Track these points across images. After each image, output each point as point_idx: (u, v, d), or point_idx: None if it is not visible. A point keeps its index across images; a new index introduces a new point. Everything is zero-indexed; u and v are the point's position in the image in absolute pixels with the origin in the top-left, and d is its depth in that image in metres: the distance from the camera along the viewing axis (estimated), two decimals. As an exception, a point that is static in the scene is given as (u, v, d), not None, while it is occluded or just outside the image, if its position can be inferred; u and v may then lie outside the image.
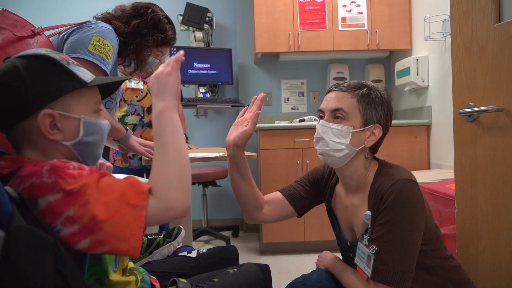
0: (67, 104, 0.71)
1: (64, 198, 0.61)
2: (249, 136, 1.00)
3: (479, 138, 1.14)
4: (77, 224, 0.60)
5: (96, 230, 0.60)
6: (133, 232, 0.61)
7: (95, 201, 0.61)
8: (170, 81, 0.73)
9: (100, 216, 0.60)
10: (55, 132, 0.70)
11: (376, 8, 2.95)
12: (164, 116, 0.71)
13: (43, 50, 0.72)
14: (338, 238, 1.14)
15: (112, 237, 0.61)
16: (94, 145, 0.77)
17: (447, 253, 1.02)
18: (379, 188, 0.94)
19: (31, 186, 0.62)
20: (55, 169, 0.63)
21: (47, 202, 0.60)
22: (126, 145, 1.40)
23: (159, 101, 0.72)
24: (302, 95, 3.38)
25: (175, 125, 0.71)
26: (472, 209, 1.18)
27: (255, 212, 1.11)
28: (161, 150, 0.69)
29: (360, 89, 0.99)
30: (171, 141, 0.69)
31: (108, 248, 0.61)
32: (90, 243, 0.60)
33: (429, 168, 2.70)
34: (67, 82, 0.71)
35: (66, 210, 0.60)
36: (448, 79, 2.41)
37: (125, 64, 1.41)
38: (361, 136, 0.98)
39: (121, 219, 0.61)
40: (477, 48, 1.13)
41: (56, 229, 0.60)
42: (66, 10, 3.39)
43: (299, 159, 2.67)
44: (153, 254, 1.15)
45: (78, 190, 0.61)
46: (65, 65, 0.72)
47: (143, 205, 0.63)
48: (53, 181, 0.62)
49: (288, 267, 2.46)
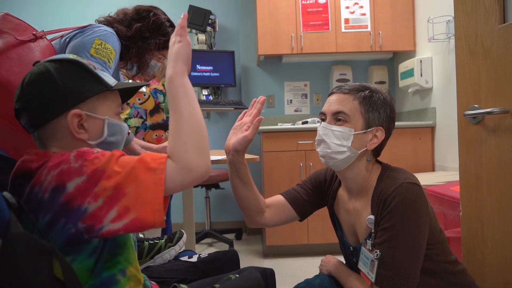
0: (93, 106, 0.76)
1: (90, 178, 0.64)
2: (249, 142, 1.00)
3: (484, 141, 1.12)
4: (101, 198, 0.63)
5: (122, 197, 0.62)
6: (154, 195, 0.63)
7: (116, 172, 0.64)
8: (179, 48, 0.74)
9: (123, 184, 0.63)
10: (81, 132, 0.74)
11: (379, 10, 2.94)
12: (174, 81, 0.71)
13: (71, 56, 0.78)
14: (341, 242, 1.13)
15: (137, 201, 0.62)
16: (116, 145, 0.81)
17: (452, 257, 1.00)
18: (382, 192, 0.93)
19: (59, 173, 0.65)
20: (80, 154, 0.67)
21: (75, 185, 0.64)
22: (128, 149, 1.40)
23: (168, 68, 0.73)
24: (305, 97, 3.37)
25: (186, 89, 0.71)
26: (477, 212, 1.16)
27: (257, 216, 1.10)
28: (175, 115, 0.69)
29: (362, 92, 0.98)
30: (184, 104, 0.70)
31: (135, 213, 0.62)
32: (118, 212, 0.62)
33: (433, 170, 2.68)
34: (94, 85, 0.76)
35: (93, 188, 0.63)
36: (453, 81, 2.39)
37: (127, 67, 1.41)
38: (363, 138, 0.97)
39: (142, 183, 0.63)
40: (482, 49, 1.11)
41: (83, 208, 0.63)
42: (69, 14, 3.40)
43: (302, 162, 2.66)
44: (155, 258, 1.14)
45: (102, 168, 0.65)
46: (92, 70, 0.77)
47: (162, 169, 0.64)
48: (80, 164, 0.65)
49: (291, 270, 2.44)
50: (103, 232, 0.63)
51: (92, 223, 0.63)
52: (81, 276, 0.67)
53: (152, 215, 0.62)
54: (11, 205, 0.60)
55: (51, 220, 0.64)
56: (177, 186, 0.65)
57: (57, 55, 0.77)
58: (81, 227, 0.63)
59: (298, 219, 1.16)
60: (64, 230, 0.64)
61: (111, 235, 0.64)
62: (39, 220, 0.64)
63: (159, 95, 2.31)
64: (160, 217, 0.63)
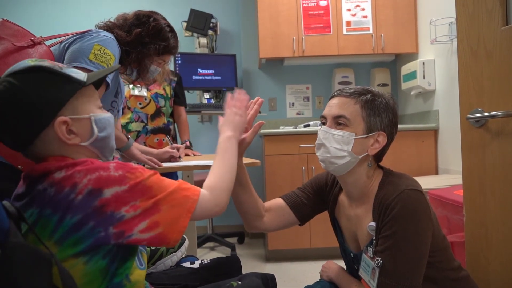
0: (75, 107, 0.74)
1: (132, 189, 0.68)
2: (247, 145, 1.00)
3: (488, 144, 1.11)
4: (140, 209, 0.68)
5: (156, 212, 0.69)
6: (181, 219, 0.71)
7: (159, 190, 0.71)
8: (241, 122, 0.97)
9: (161, 201, 0.70)
10: (72, 137, 0.73)
11: (381, 12, 2.93)
12: (232, 141, 0.92)
13: (29, 61, 0.72)
14: (342, 248, 1.11)
15: (167, 219, 0.69)
16: (109, 138, 0.80)
17: (455, 264, 0.98)
18: (384, 199, 0.91)
19: (97, 178, 0.67)
20: (122, 166, 0.70)
21: (113, 192, 0.67)
22: (128, 154, 1.40)
23: (229, 131, 0.94)
24: (307, 100, 3.36)
25: (235, 150, 0.92)
26: (481, 217, 1.14)
27: (256, 221, 1.08)
28: (222, 162, 0.88)
29: (364, 95, 0.96)
30: (231, 158, 0.89)
31: (161, 229, 0.69)
32: (148, 224, 0.68)
33: (437, 173, 2.65)
34: (67, 85, 0.73)
35: (133, 200, 0.68)
36: (456, 83, 2.37)
37: (127, 72, 1.40)
38: (364, 143, 0.96)
39: (176, 206, 0.71)
40: (484, 51, 1.10)
41: (119, 216, 0.66)
42: (69, 19, 3.41)
43: (304, 165, 2.65)
44: (157, 264, 1.13)
45: (146, 183, 0.70)
46: (59, 70, 0.73)
47: (195, 200, 0.74)
48: (121, 175, 0.68)
49: (293, 275, 2.42)
50: (130, 240, 0.67)
51: (123, 230, 0.66)
52: (93, 277, 0.67)
53: (175, 234, 0.70)
54: (11, 214, 0.60)
55: (80, 221, 0.65)
56: (202, 214, 0.76)
57: (16, 66, 0.72)
58: (112, 232, 0.66)
59: (298, 223, 1.14)
60: (92, 232, 0.65)
61: (136, 243, 0.68)
62: (65, 220, 0.65)
63: (160, 99, 2.31)
64: (179, 237, 0.71)
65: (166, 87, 2.36)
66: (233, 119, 0.96)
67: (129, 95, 2.23)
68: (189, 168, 1.56)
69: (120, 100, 1.47)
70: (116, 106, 1.42)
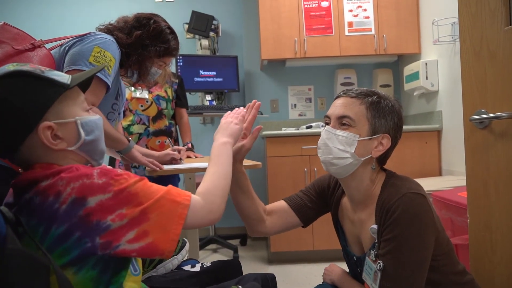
0: (59, 111, 0.71)
1: (116, 197, 0.65)
2: (247, 151, 0.99)
3: (492, 146, 1.09)
4: (126, 218, 0.65)
5: (145, 221, 0.66)
6: (173, 226, 0.68)
7: (146, 198, 0.67)
8: (236, 129, 0.96)
9: (149, 209, 0.67)
10: (58, 142, 0.71)
11: (383, 12, 2.91)
12: (226, 147, 0.91)
13: (10, 66, 0.70)
14: (345, 252, 1.10)
15: (157, 228, 0.66)
16: (97, 142, 0.78)
17: (459, 267, 0.97)
18: (385, 202, 0.90)
19: (81, 186, 0.65)
20: (105, 172, 0.68)
21: (97, 201, 0.64)
22: (129, 156, 1.39)
23: (224, 137, 0.93)
24: (309, 101, 3.35)
25: (230, 156, 0.90)
26: (485, 219, 1.12)
27: (258, 225, 1.08)
28: (216, 167, 0.85)
29: (370, 97, 0.95)
30: (225, 164, 0.87)
31: (151, 238, 0.65)
32: (136, 234, 0.65)
33: (440, 174, 2.63)
34: (50, 89, 0.70)
35: (118, 208, 0.65)
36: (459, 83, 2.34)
37: (127, 75, 1.40)
38: (368, 145, 0.94)
39: (166, 213, 0.68)
40: (488, 52, 1.08)
41: (105, 225, 0.64)
42: (69, 22, 3.41)
43: (307, 167, 2.63)
44: (157, 268, 1.13)
45: (131, 190, 0.67)
46: (40, 74, 0.70)
47: (186, 205, 0.70)
48: (105, 182, 0.66)
49: (296, 277, 2.41)
50: (118, 251, 0.64)
51: (110, 240, 0.64)
52: (85, 286, 0.66)
53: (167, 243, 0.67)
54: (8, 219, 0.59)
55: (65, 232, 0.63)
56: (195, 221, 0.72)
57: None
58: (98, 242, 0.64)
59: (302, 225, 1.13)
60: (79, 243, 0.63)
61: (124, 255, 0.65)
62: (51, 230, 0.63)
63: (161, 101, 2.31)
64: (173, 246, 0.67)
65: (168, 89, 2.36)
66: (227, 126, 0.95)
67: (131, 97, 2.23)
68: (190, 170, 1.55)
69: (121, 103, 1.47)
70: (117, 108, 1.42)
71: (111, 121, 1.37)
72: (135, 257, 0.68)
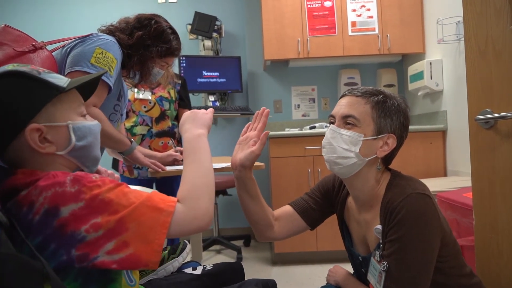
0: (51, 114, 0.70)
1: (89, 205, 0.62)
2: (256, 157, 0.98)
3: (497, 146, 1.07)
4: (102, 230, 0.61)
5: (123, 231, 0.61)
6: (156, 236, 0.62)
7: (122, 206, 0.63)
8: (207, 118, 0.89)
9: (127, 218, 0.62)
10: (46, 145, 0.69)
11: (387, 12, 2.89)
12: (202, 139, 0.82)
13: (9, 66, 0.70)
14: (349, 253, 1.09)
15: (138, 238, 0.62)
16: (90, 148, 0.76)
17: (466, 270, 0.95)
18: (390, 202, 0.89)
19: (53, 196, 0.62)
20: (78, 179, 0.64)
21: (70, 210, 0.61)
22: (131, 157, 1.39)
23: (197, 128, 0.84)
24: (313, 102, 3.33)
25: (208, 148, 0.82)
26: (491, 221, 1.11)
27: (267, 231, 1.08)
28: (194, 164, 0.76)
29: (376, 96, 0.94)
30: (205, 158, 0.79)
31: (132, 249, 0.61)
32: (115, 245, 0.60)
33: (445, 175, 2.61)
34: (43, 91, 0.69)
35: (93, 218, 0.61)
36: (464, 83, 2.33)
37: (129, 76, 1.40)
38: (373, 145, 0.93)
39: (147, 222, 0.63)
40: (493, 51, 1.07)
41: (79, 236, 0.60)
42: (71, 24, 3.41)
43: (310, 167, 2.62)
44: (157, 270, 1.12)
45: (104, 198, 0.63)
46: (36, 75, 0.69)
47: (170, 212, 0.65)
48: (77, 190, 0.62)
49: (300, 278, 2.40)
50: (96, 263, 0.60)
51: (87, 252, 0.60)
52: None
53: (150, 255, 0.62)
54: (2, 223, 0.58)
55: (41, 243, 0.60)
56: (179, 230, 0.66)
57: None
58: (74, 255, 0.60)
59: (309, 229, 1.13)
60: (55, 256, 0.60)
61: (103, 267, 0.61)
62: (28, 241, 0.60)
63: (164, 102, 2.30)
64: (156, 257, 0.62)
65: (171, 90, 2.36)
66: (196, 116, 0.87)
67: (134, 98, 2.23)
68: (192, 171, 1.54)
69: (124, 104, 1.47)
70: (119, 109, 1.41)
71: (113, 122, 1.37)
72: (115, 269, 0.63)
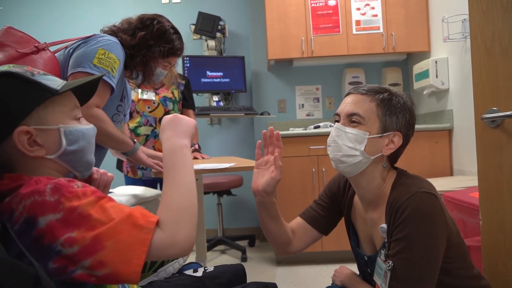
0: (41, 117, 0.68)
1: (66, 218, 0.58)
2: (278, 182, 0.97)
3: (504, 145, 1.06)
4: (76, 246, 0.57)
5: (99, 250, 0.57)
6: (135, 256, 0.58)
7: (100, 222, 0.59)
8: (193, 125, 0.79)
9: (103, 236, 0.58)
10: (35, 149, 0.67)
11: (392, 10, 2.87)
12: (184, 151, 0.73)
13: (4, 67, 0.68)
14: (355, 252, 1.08)
15: (115, 258, 0.58)
16: (82, 153, 0.73)
17: (474, 272, 0.94)
18: (395, 200, 0.88)
19: (32, 204, 0.59)
20: (58, 188, 0.61)
21: (47, 221, 0.58)
22: (134, 158, 1.39)
23: (181, 138, 0.75)
24: (317, 101, 3.32)
25: (191, 162, 0.73)
26: (498, 221, 1.09)
27: (287, 247, 1.09)
28: (175, 182, 0.69)
29: (381, 94, 0.93)
30: (186, 175, 0.70)
31: (109, 269, 0.58)
32: (90, 264, 0.57)
33: (451, 174, 2.58)
34: (36, 93, 0.67)
35: (68, 231, 0.58)
36: (470, 81, 2.30)
37: (132, 76, 1.40)
38: (378, 143, 0.92)
39: (125, 240, 0.59)
40: (500, 48, 1.05)
41: (56, 249, 0.58)
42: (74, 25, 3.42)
43: (315, 167, 2.61)
44: (158, 272, 1.11)
45: (83, 211, 0.59)
46: (29, 77, 0.68)
47: (150, 229, 0.60)
48: (56, 200, 0.60)
49: (305, 278, 2.39)
50: (75, 275, 0.58)
51: (65, 264, 0.58)
52: None
53: (129, 276, 0.58)
54: None
55: (19, 254, 0.56)
56: (157, 256, 0.62)
57: None
58: (52, 268, 0.58)
59: (323, 235, 1.13)
60: None
61: (83, 280, 0.58)
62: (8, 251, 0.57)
63: (168, 103, 2.30)
64: (135, 279, 0.58)
65: (175, 90, 2.36)
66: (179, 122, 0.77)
67: (138, 99, 2.24)
68: (196, 171, 1.54)
69: (127, 105, 1.47)
70: (122, 110, 1.41)
71: (116, 123, 1.37)
72: (95, 283, 0.59)
